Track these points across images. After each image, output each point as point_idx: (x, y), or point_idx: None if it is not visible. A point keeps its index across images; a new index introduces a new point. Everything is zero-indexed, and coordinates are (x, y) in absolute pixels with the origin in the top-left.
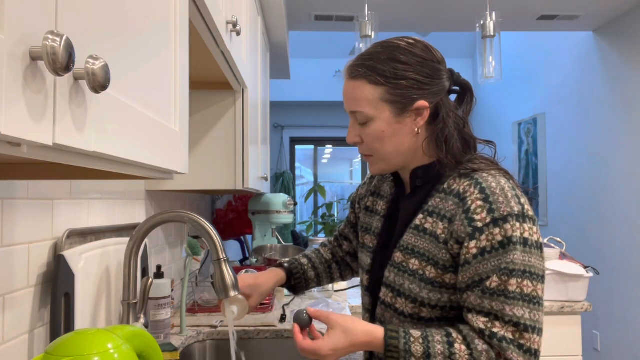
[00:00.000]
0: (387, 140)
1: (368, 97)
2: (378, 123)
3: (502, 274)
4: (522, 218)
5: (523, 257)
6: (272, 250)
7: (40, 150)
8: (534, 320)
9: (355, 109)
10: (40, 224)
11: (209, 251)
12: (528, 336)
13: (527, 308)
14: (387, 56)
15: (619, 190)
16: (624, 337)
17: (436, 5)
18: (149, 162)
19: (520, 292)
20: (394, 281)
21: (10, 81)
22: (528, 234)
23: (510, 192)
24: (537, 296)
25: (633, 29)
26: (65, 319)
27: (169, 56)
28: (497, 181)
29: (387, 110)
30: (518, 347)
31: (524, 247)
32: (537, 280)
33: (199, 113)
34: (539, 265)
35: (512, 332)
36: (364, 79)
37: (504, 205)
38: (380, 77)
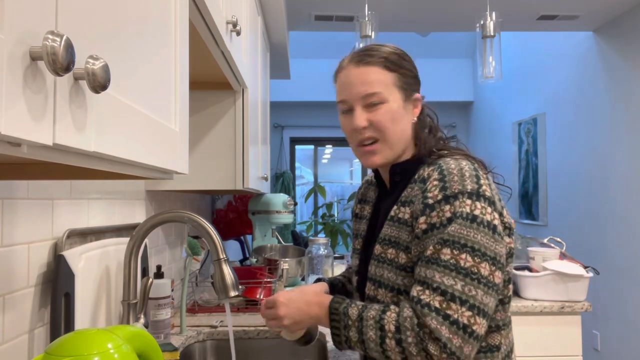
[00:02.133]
0: (399, 122)
1: (384, 80)
2: (392, 104)
3: (437, 242)
4: (475, 196)
5: (465, 231)
6: (272, 250)
7: (40, 150)
8: (466, 294)
9: (372, 90)
10: (40, 224)
11: (209, 251)
12: (456, 307)
13: (460, 281)
14: (394, 51)
15: (619, 190)
16: (624, 337)
17: (436, 5)
18: (149, 162)
19: (455, 263)
20: (375, 273)
21: (10, 81)
22: (479, 212)
23: (469, 172)
24: (477, 272)
25: (633, 29)
26: (65, 319)
27: (169, 56)
28: (457, 163)
29: (398, 95)
30: (444, 317)
31: (470, 222)
32: (481, 258)
33: (199, 113)
34: (487, 245)
35: (439, 302)
36: (377, 65)
37: (456, 184)
38: (392, 64)
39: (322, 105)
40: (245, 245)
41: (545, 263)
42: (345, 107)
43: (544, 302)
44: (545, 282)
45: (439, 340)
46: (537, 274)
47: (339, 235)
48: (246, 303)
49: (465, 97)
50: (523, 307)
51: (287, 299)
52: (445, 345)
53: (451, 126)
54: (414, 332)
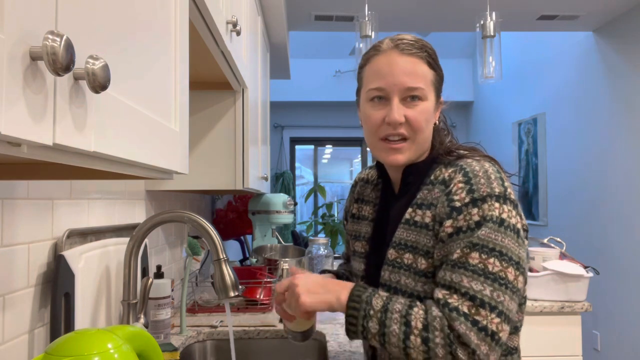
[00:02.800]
0: (430, 124)
1: (426, 76)
2: (429, 103)
3: (465, 246)
4: (503, 199)
5: (495, 236)
6: (272, 250)
7: (40, 150)
8: (495, 300)
9: (417, 84)
10: (40, 224)
11: (209, 251)
12: (485, 313)
13: (489, 286)
14: (431, 46)
15: (619, 190)
16: (624, 337)
17: (436, 5)
18: (149, 162)
19: (484, 267)
20: (389, 279)
21: (10, 81)
22: (507, 215)
23: (494, 175)
24: (504, 278)
25: (633, 29)
26: (65, 319)
27: (169, 56)
28: (481, 165)
29: (434, 95)
30: (472, 323)
31: (499, 226)
32: (509, 263)
33: (199, 113)
34: (514, 250)
35: (467, 307)
36: (423, 59)
37: (484, 186)
38: (433, 62)
39: (322, 105)
40: (245, 245)
41: (545, 263)
42: (379, 95)
43: (544, 302)
44: (545, 282)
45: (468, 345)
46: (537, 274)
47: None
48: (246, 303)
49: (465, 97)
50: None
51: (306, 279)
52: (474, 352)
53: (451, 126)
54: (443, 334)
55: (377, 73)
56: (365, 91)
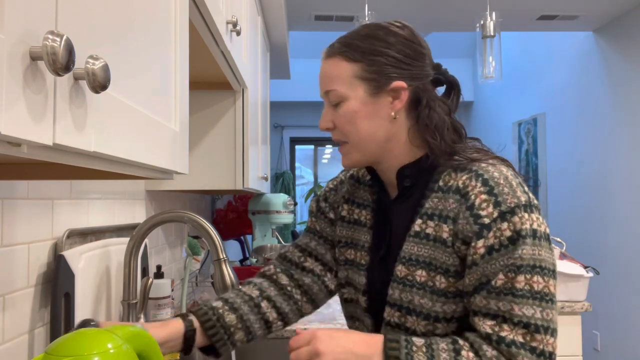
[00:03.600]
0: (361, 122)
1: (343, 74)
2: (352, 102)
3: (508, 270)
4: (530, 208)
5: (532, 251)
6: (272, 250)
7: (40, 150)
8: (546, 320)
9: (329, 87)
10: (40, 224)
11: (209, 251)
12: (540, 337)
13: (538, 307)
14: (367, 33)
15: (619, 190)
16: (624, 337)
17: (436, 5)
18: (149, 162)
19: (530, 289)
20: (400, 298)
21: (10, 81)
22: (537, 224)
23: (515, 181)
24: (549, 293)
25: (633, 29)
26: (65, 319)
27: (169, 56)
28: (499, 170)
29: (362, 88)
30: (530, 351)
31: (533, 239)
32: (549, 275)
33: (199, 113)
34: (549, 259)
35: (522, 335)
36: (339, 56)
37: (510, 197)
38: (356, 53)
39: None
40: (245, 245)
41: None
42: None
43: None
44: None
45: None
46: None
47: None
48: None
49: (465, 97)
50: None
51: (326, 334)
52: None
53: None
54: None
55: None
56: None
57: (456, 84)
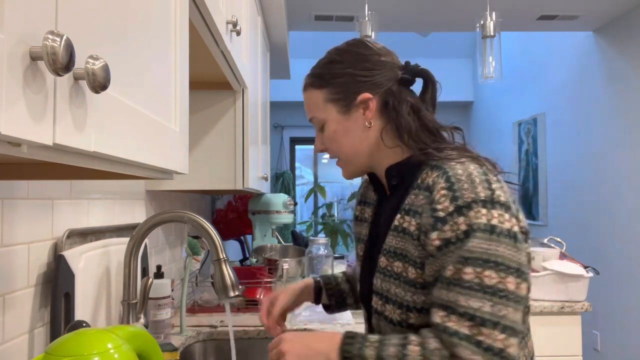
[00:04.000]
0: (342, 140)
1: (316, 101)
2: (330, 124)
3: (457, 262)
4: (490, 204)
5: (487, 245)
6: (272, 250)
7: (40, 150)
8: (497, 315)
9: (310, 115)
10: (40, 224)
11: (209, 251)
12: (488, 332)
13: (488, 301)
14: (325, 60)
15: (619, 190)
16: (624, 337)
17: (436, 5)
18: (149, 162)
19: (480, 282)
20: (381, 287)
21: (10, 81)
22: (497, 220)
23: (479, 178)
24: (504, 289)
25: (633, 29)
26: (65, 319)
27: (169, 56)
28: (465, 168)
29: (334, 109)
30: (475, 344)
31: (490, 234)
32: (507, 272)
33: (199, 113)
34: (511, 256)
35: (468, 327)
36: (310, 87)
37: (468, 192)
38: (321, 80)
39: None
40: (245, 245)
41: (545, 263)
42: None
43: (544, 302)
44: (545, 282)
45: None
46: (537, 274)
47: (339, 236)
48: (246, 303)
49: (465, 97)
50: None
51: (293, 335)
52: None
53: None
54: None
55: None
56: None
57: (429, 77)
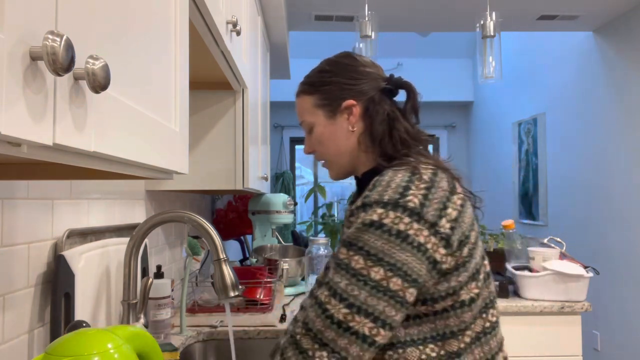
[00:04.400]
0: (327, 142)
1: (306, 106)
2: (317, 127)
3: (342, 244)
4: (392, 206)
5: (366, 236)
6: (272, 250)
7: (40, 150)
8: (346, 292)
9: (300, 119)
10: (40, 224)
11: (209, 251)
12: (335, 303)
13: (346, 279)
14: (317, 69)
15: (619, 190)
16: (624, 337)
17: (436, 5)
18: (149, 162)
19: (347, 263)
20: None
21: (10, 81)
22: (390, 220)
23: (397, 184)
24: (366, 275)
25: (633, 29)
26: (65, 319)
27: (169, 56)
28: (392, 174)
29: (321, 114)
30: (320, 306)
31: (375, 229)
32: (378, 264)
33: (199, 113)
34: (389, 252)
35: (325, 295)
36: (302, 93)
37: (377, 194)
38: (312, 87)
39: None
40: (245, 245)
41: (545, 263)
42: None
43: (544, 302)
44: (545, 282)
45: (307, 324)
46: (537, 274)
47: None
48: (246, 303)
49: (465, 97)
50: (523, 307)
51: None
52: (315, 335)
53: (451, 126)
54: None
55: None
56: None
57: (410, 89)
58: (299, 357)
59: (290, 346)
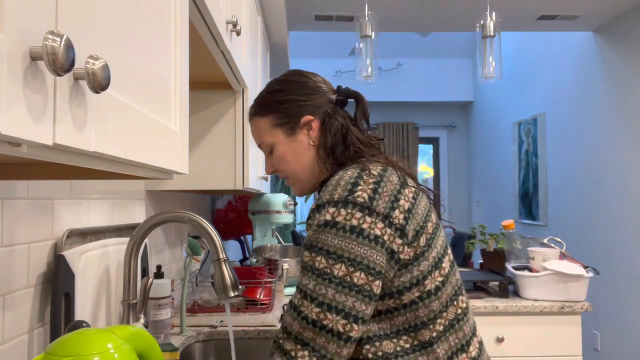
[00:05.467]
0: (290, 160)
1: (263, 128)
2: (278, 146)
3: (304, 247)
4: (342, 204)
5: (323, 237)
6: (272, 250)
7: (40, 150)
8: (316, 292)
9: (258, 141)
10: (40, 224)
11: (209, 251)
12: (306, 304)
13: (313, 280)
14: (267, 90)
15: (619, 189)
16: (624, 337)
17: (436, 5)
18: (149, 162)
19: (312, 265)
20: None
21: (10, 81)
22: (342, 218)
23: (346, 181)
24: (329, 273)
25: (633, 29)
26: (65, 319)
27: (169, 56)
28: (342, 173)
29: (280, 133)
30: (295, 310)
31: (330, 228)
32: (338, 261)
33: (199, 113)
34: (347, 247)
35: (298, 298)
36: (256, 116)
37: (328, 194)
38: (266, 108)
39: None
40: (245, 245)
41: (545, 263)
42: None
43: (544, 302)
44: (545, 282)
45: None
46: (537, 274)
47: None
48: (246, 303)
49: (465, 97)
50: (523, 307)
51: None
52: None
53: (451, 126)
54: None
55: None
56: None
57: (359, 98)
58: (284, 359)
59: (276, 351)
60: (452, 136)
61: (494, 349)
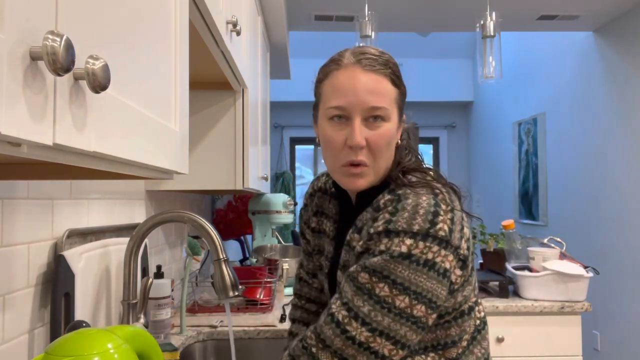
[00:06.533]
0: (391, 147)
1: (389, 95)
2: (392, 124)
3: (359, 265)
4: (422, 237)
5: (393, 266)
6: (272, 250)
7: (40, 150)
8: (370, 318)
9: (381, 104)
10: (40, 224)
11: (209, 251)
12: (356, 326)
13: (369, 305)
14: (395, 61)
15: (619, 190)
16: (624, 337)
17: (436, 5)
18: (149, 162)
19: (370, 289)
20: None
21: (10, 81)
22: (419, 251)
23: (426, 210)
24: (390, 303)
25: (633, 29)
26: (65, 319)
27: (169, 56)
28: (416, 198)
29: (397, 115)
30: (337, 325)
31: (404, 259)
32: (403, 292)
33: (199, 113)
34: (416, 280)
35: (342, 316)
36: (387, 77)
37: (404, 222)
38: (397, 79)
39: None
40: (245, 245)
41: (545, 263)
42: (339, 114)
43: (544, 302)
44: (545, 282)
45: (329, 346)
46: (537, 274)
47: None
48: (246, 303)
49: (465, 97)
50: (523, 307)
51: None
52: (336, 353)
53: (451, 126)
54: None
55: (338, 90)
56: (324, 108)
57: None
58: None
59: (306, 357)
60: (452, 136)
61: (494, 349)
